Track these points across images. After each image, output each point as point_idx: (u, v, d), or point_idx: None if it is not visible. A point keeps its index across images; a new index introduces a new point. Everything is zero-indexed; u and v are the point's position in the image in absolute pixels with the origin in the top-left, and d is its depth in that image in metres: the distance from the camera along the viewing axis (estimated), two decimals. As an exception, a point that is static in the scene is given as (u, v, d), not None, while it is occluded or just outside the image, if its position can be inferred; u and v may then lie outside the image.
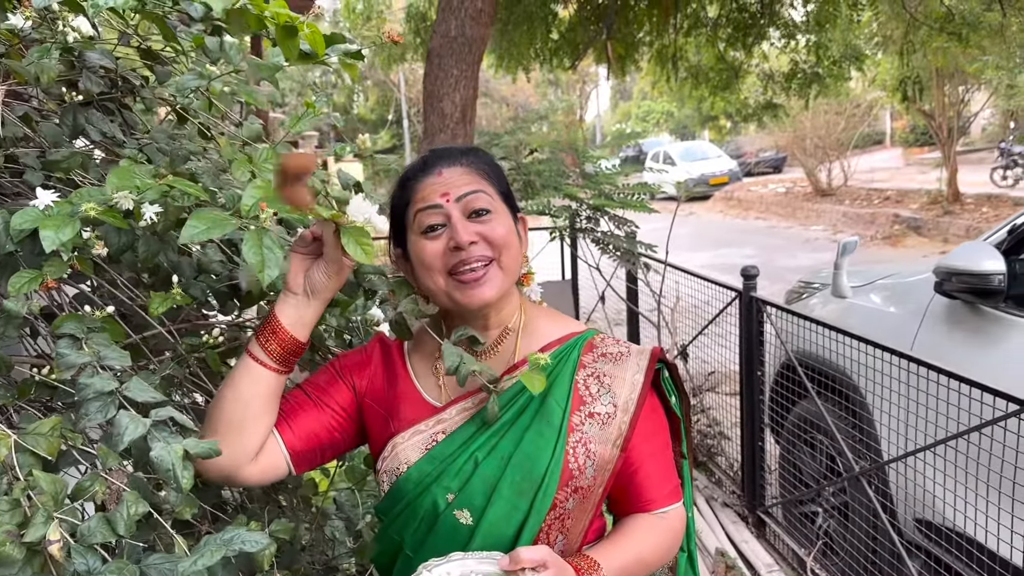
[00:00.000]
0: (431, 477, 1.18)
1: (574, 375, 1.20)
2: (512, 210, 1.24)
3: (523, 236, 1.26)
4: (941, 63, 11.04)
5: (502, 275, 1.17)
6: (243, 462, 1.17)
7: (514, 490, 1.15)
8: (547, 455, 1.15)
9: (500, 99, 26.84)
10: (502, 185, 1.23)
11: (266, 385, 1.15)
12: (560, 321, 1.29)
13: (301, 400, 1.25)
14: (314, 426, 1.23)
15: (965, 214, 12.86)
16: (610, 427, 1.17)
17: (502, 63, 8.66)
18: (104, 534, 0.99)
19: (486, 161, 1.25)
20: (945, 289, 2.67)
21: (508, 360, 1.23)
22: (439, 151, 1.25)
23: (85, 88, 1.46)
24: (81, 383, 0.99)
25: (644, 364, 1.20)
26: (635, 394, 1.18)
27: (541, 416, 1.17)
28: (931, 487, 2.40)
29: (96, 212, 1.08)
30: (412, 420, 1.23)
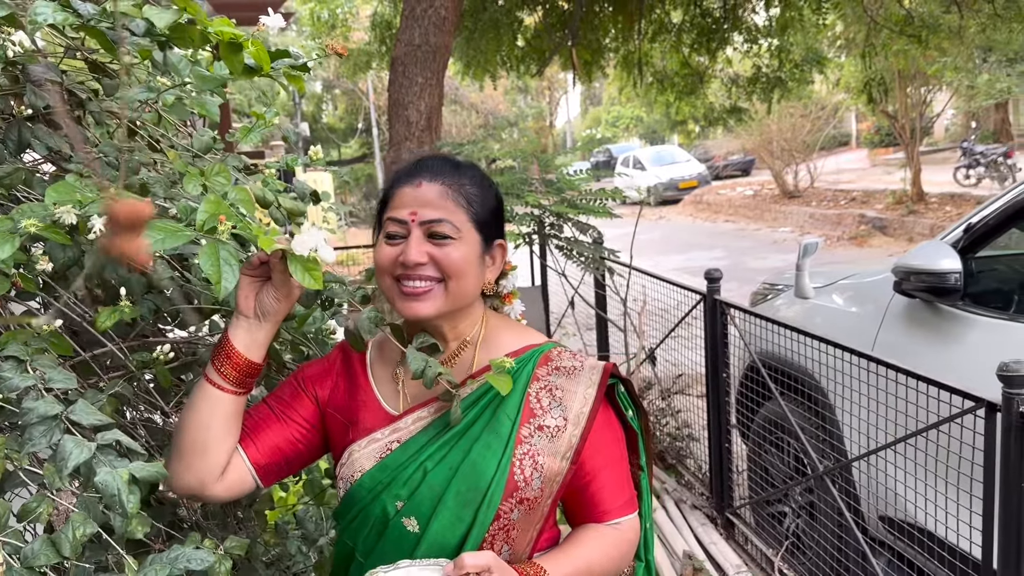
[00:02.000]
0: (382, 485, 1.19)
1: (527, 388, 1.21)
2: (487, 236, 1.23)
3: (496, 260, 1.26)
4: (902, 65, 11.23)
5: (445, 297, 1.19)
6: (209, 481, 1.19)
7: (459, 500, 1.16)
8: (492, 466, 1.16)
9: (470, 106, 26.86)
10: (482, 211, 1.22)
11: (224, 407, 1.18)
12: (522, 334, 1.30)
13: (264, 414, 1.27)
14: (277, 440, 1.26)
15: (929, 213, 13.07)
16: (559, 440, 1.18)
17: (468, 70, 8.67)
18: (48, 556, 0.97)
19: (473, 182, 1.24)
20: (904, 288, 2.71)
21: (467, 370, 1.25)
22: (429, 161, 1.25)
23: (30, 102, 1.43)
24: (25, 407, 0.98)
25: (596, 379, 1.21)
26: (587, 408, 1.19)
27: (491, 428, 1.18)
28: (893, 485, 2.43)
29: (37, 228, 1.07)
30: (369, 428, 1.24)
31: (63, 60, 1.54)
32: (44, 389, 1.04)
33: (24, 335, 1.16)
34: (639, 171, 21.98)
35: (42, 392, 1.03)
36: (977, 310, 2.58)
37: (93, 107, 1.54)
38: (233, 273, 1.04)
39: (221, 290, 1.03)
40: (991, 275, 2.96)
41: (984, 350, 2.40)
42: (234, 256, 1.06)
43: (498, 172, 3.53)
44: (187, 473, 1.18)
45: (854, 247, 12.35)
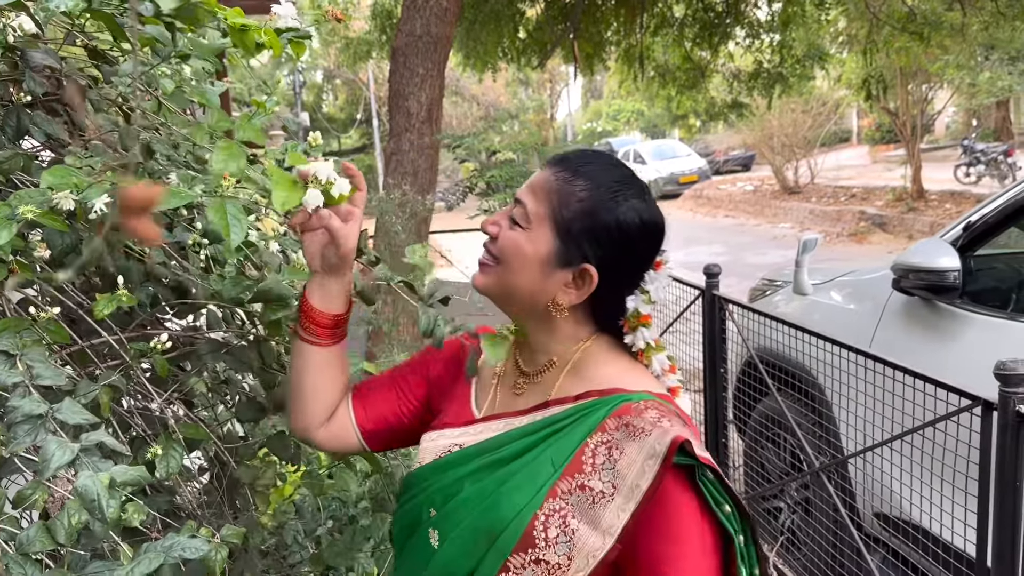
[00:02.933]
0: (429, 485, 1.15)
1: (587, 436, 1.02)
2: (569, 249, 1.07)
3: (575, 286, 1.08)
4: (904, 62, 11.21)
5: (495, 279, 1.11)
6: (312, 425, 1.26)
7: (474, 533, 1.05)
8: (513, 511, 1.02)
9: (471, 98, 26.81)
10: (573, 219, 1.06)
11: (313, 358, 1.21)
12: (627, 374, 1.10)
13: (382, 381, 1.31)
14: (384, 409, 1.28)
15: (929, 211, 13.07)
16: (602, 509, 0.98)
17: (469, 61, 8.65)
18: (44, 543, 0.97)
19: (589, 190, 1.07)
20: (902, 286, 2.71)
21: (541, 394, 1.12)
22: (575, 153, 1.13)
23: (29, 88, 1.43)
24: (9, 406, 0.97)
25: (661, 451, 0.96)
26: (644, 482, 0.96)
27: (531, 467, 1.04)
28: (889, 482, 2.43)
29: (34, 214, 1.06)
30: (448, 422, 1.21)
31: (63, 46, 1.53)
32: (32, 385, 1.04)
33: (20, 323, 1.15)
34: (639, 165, 21.96)
35: (29, 389, 1.03)
36: (975, 308, 2.58)
37: (93, 94, 1.54)
38: (241, 227, 1.04)
39: (232, 243, 1.04)
40: (990, 273, 2.96)
41: (982, 348, 2.41)
42: (241, 211, 1.07)
43: (498, 164, 3.52)
44: (293, 417, 1.28)
45: (854, 244, 12.35)
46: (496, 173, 3.34)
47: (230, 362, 1.38)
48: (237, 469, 1.49)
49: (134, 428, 1.45)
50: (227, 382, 1.64)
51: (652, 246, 1.11)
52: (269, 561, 1.76)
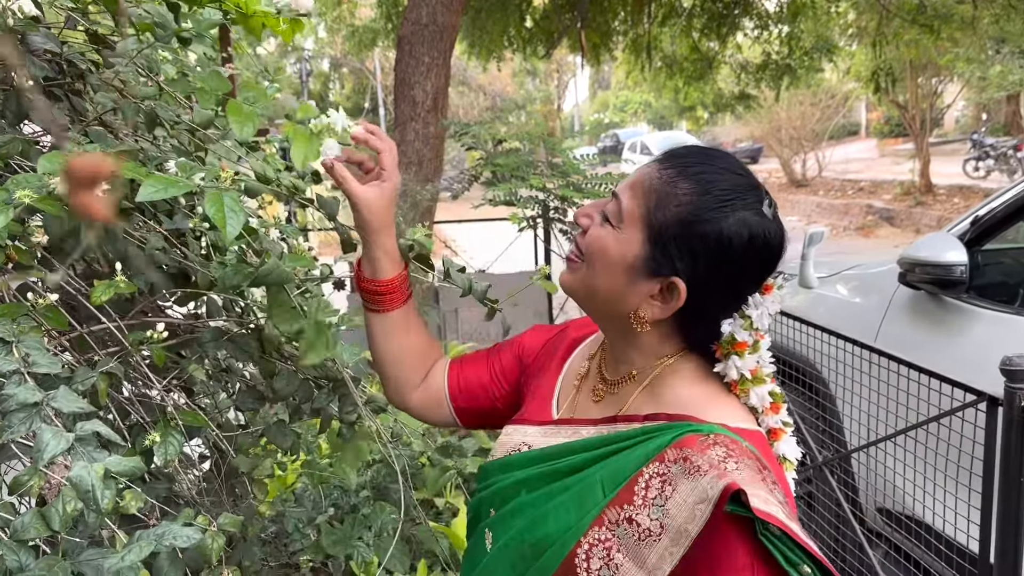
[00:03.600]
0: (494, 482, 1.10)
1: (644, 464, 0.93)
2: (658, 256, 0.96)
3: (662, 299, 0.98)
4: (913, 55, 11.15)
5: (580, 279, 1.03)
6: (403, 391, 1.29)
7: (520, 548, 1.00)
8: (557, 533, 0.95)
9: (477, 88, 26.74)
10: (668, 223, 0.95)
11: (381, 325, 1.25)
12: (708, 401, 0.98)
13: (478, 359, 1.31)
14: (475, 386, 1.28)
15: (937, 205, 13.02)
16: (647, 548, 0.89)
17: (474, 50, 8.60)
18: (39, 529, 0.97)
19: (691, 193, 0.95)
20: (908, 280, 2.69)
21: (614, 406, 1.05)
22: (681, 150, 1.02)
23: (30, 73, 1.42)
24: (4, 394, 0.96)
25: (714, 497, 0.84)
26: (693, 527, 0.86)
27: (581, 488, 0.97)
28: (892, 477, 2.42)
29: (31, 199, 1.05)
30: (527, 418, 1.15)
31: (63, 31, 1.52)
32: (28, 373, 1.03)
33: (18, 309, 1.15)
34: (646, 157, 21.80)
35: (25, 377, 1.02)
36: (982, 303, 2.56)
37: (93, 79, 1.53)
38: (238, 219, 1.04)
39: (228, 235, 1.04)
40: (997, 268, 2.94)
41: (988, 344, 2.39)
42: (238, 202, 1.07)
43: (503, 154, 3.51)
44: (385, 388, 1.32)
45: (860, 237, 12.31)
46: (501, 162, 3.32)
47: (231, 350, 1.37)
48: (236, 457, 1.48)
49: (133, 415, 1.44)
50: (228, 370, 1.64)
51: (760, 267, 0.97)
52: (269, 549, 1.75)
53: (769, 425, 1.00)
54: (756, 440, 0.95)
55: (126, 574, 0.88)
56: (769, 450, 0.98)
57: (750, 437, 0.94)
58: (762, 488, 0.85)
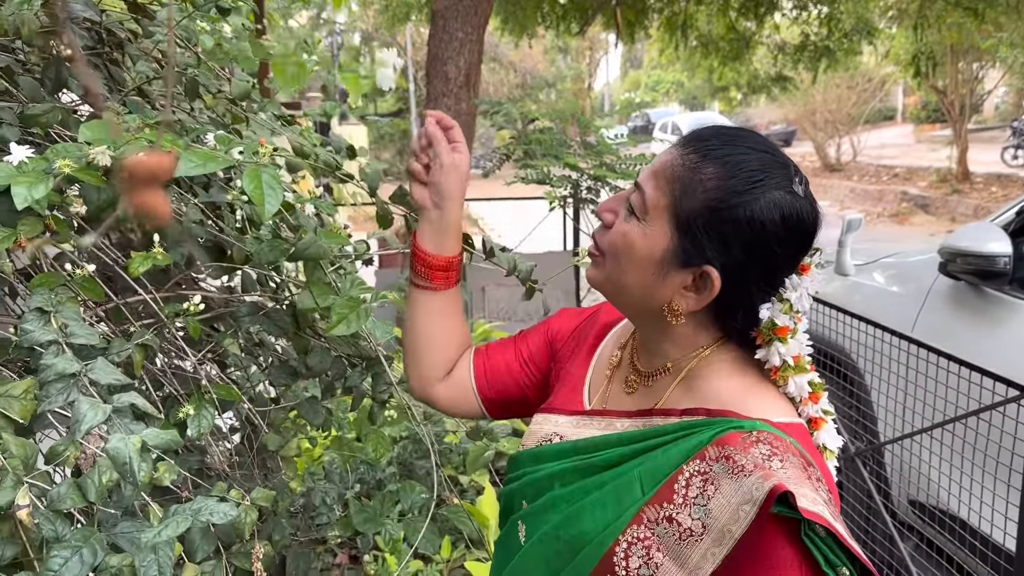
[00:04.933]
0: (525, 473, 1.08)
1: (684, 461, 0.90)
2: (689, 247, 0.92)
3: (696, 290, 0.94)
4: (955, 39, 10.89)
5: (605, 276, 1.00)
6: (427, 382, 1.24)
7: (554, 544, 0.98)
8: (594, 530, 0.93)
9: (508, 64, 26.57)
10: (695, 211, 0.91)
11: (425, 305, 1.20)
12: (747, 394, 0.95)
13: (505, 347, 1.26)
14: (504, 376, 1.24)
15: (974, 193, 12.77)
16: (688, 549, 0.87)
17: (507, 26, 8.51)
18: (75, 500, 0.97)
19: (719, 177, 0.91)
20: (949, 270, 2.63)
21: (650, 400, 1.02)
22: (706, 131, 0.97)
23: (68, 41, 1.41)
24: (43, 364, 0.96)
25: (759, 498, 0.81)
26: (737, 528, 0.84)
27: (618, 484, 0.94)
28: (927, 470, 2.38)
29: (71, 169, 1.05)
30: (557, 407, 1.13)
31: None
32: (65, 343, 1.03)
33: (56, 279, 1.15)
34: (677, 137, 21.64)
35: (63, 347, 1.02)
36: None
37: (132, 48, 1.52)
38: (276, 195, 1.03)
39: (266, 211, 1.03)
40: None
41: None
42: (277, 178, 1.06)
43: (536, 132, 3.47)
44: (410, 374, 1.26)
45: (895, 224, 12.11)
46: (534, 140, 3.29)
47: (266, 325, 1.36)
48: (267, 433, 1.48)
49: (167, 386, 1.45)
50: (260, 344, 1.63)
51: (796, 247, 0.92)
52: (296, 522, 1.76)
53: (809, 414, 0.96)
54: (798, 434, 0.92)
55: (162, 548, 0.88)
56: (811, 442, 0.94)
57: (792, 431, 0.91)
58: (808, 487, 0.83)
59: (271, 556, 1.23)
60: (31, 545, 0.98)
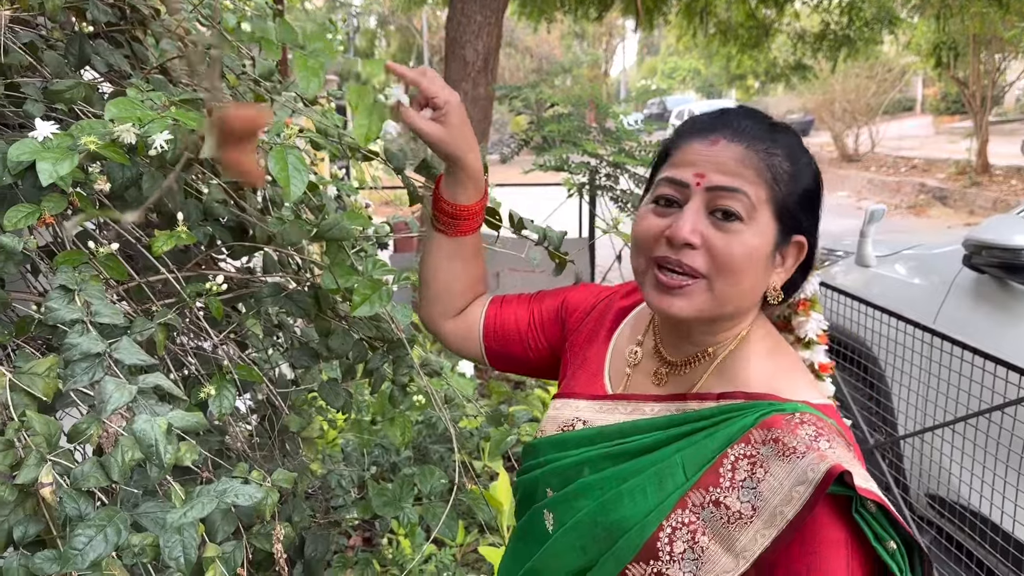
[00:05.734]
0: (548, 461, 1.06)
1: (728, 445, 0.90)
2: (787, 228, 0.94)
3: (787, 260, 0.97)
4: (978, 29, 10.74)
5: (708, 297, 0.93)
6: (438, 315, 1.26)
7: (590, 530, 0.97)
8: (636, 516, 0.93)
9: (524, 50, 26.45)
10: (790, 194, 0.94)
11: (440, 247, 1.20)
12: (783, 375, 0.97)
13: (520, 302, 1.27)
14: (511, 333, 1.24)
15: (993, 186, 12.63)
16: (738, 531, 0.87)
17: (525, 10, 8.46)
18: (98, 479, 0.96)
19: (789, 153, 0.94)
20: (973, 263, 2.60)
21: (685, 385, 1.01)
22: (735, 114, 0.98)
23: (93, 17, 1.40)
24: (67, 343, 0.96)
25: (815, 479, 0.83)
26: (790, 509, 0.84)
27: (659, 470, 0.94)
28: (947, 464, 2.35)
29: (96, 146, 1.04)
30: (577, 391, 1.11)
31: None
32: (90, 323, 1.02)
33: (78, 257, 1.14)
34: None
35: (88, 326, 1.01)
36: (1051, 290, 2.46)
37: (155, 25, 1.51)
38: (302, 178, 1.02)
39: (292, 193, 1.02)
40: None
41: (1055, 332, 2.30)
42: (302, 161, 1.05)
43: (555, 118, 3.44)
44: (422, 306, 1.27)
45: (912, 216, 12.01)
46: (554, 127, 3.26)
47: (288, 306, 1.35)
48: (288, 415, 1.48)
49: (187, 367, 1.44)
50: (280, 326, 1.63)
51: None
52: (315, 504, 1.76)
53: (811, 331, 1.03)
54: (833, 414, 0.94)
55: (188, 529, 0.87)
56: (842, 422, 0.96)
57: (828, 412, 0.93)
58: (857, 465, 0.85)
59: (291, 538, 1.23)
60: (53, 523, 0.97)
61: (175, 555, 0.88)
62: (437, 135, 1.08)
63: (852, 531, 0.84)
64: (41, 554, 0.91)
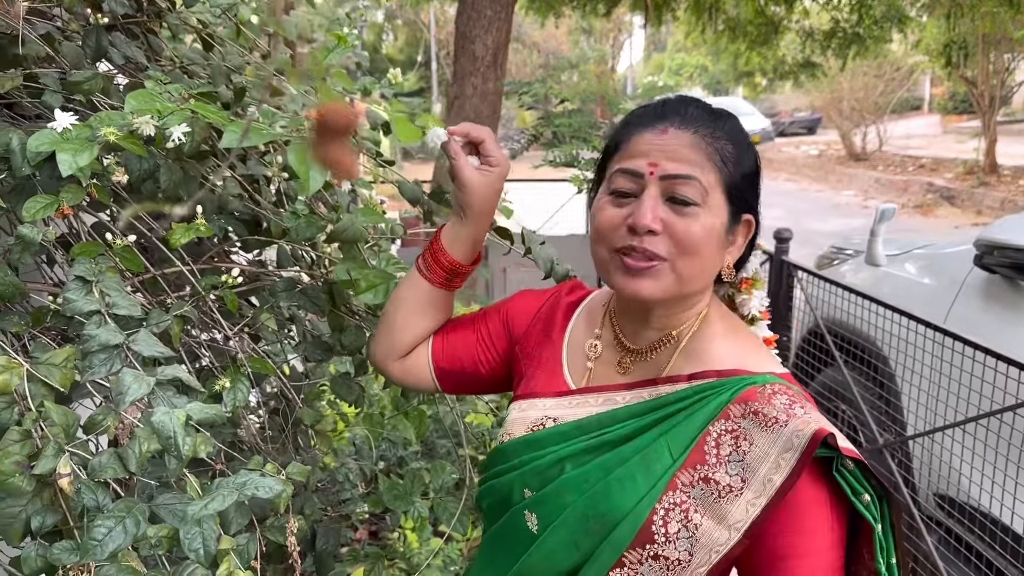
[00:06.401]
0: (522, 462, 1.07)
1: (708, 423, 0.94)
2: (737, 208, 0.99)
3: (738, 240, 1.02)
4: (989, 29, 10.68)
5: (673, 278, 0.97)
6: (389, 357, 1.23)
7: (582, 523, 0.98)
8: (628, 503, 0.95)
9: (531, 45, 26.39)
10: (737, 175, 0.99)
11: (420, 291, 1.18)
12: (744, 350, 1.01)
13: (464, 323, 1.25)
14: (460, 351, 1.22)
15: (1001, 186, 12.58)
16: (729, 504, 0.91)
17: (533, 5, 8.44)
18: (115, 470, 0.97)
19: (732, 136, 0.99)
20: (985, 263, 2.59)
21: (654, 370, 1.04)
22: (679, 103, 1.02)
23: (109, 9, 1.40)
24: (86, 334, 0.96)
25: (800, 444, 0.88)
26: (777, 476, 0.89)
27: (644, 456, 0.96)
28: (957, 464, 2.35)
29: (116, 137, 1.04)
30: (537, 391, 1.12)
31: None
32: (108, 315, 1.02)
33: (95, 248, 1.14)
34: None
35: (105, 318, 1.02)
36: (1062, 291, 2.45)
37: (172, 19, 1.51)
38: (320, 173, 1.01)
39: (310, 188, 1.02)
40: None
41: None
42: None
43: (565, 114, 3.43)
44: (376, 342, 1.24)
45: (919, 216, 11.97)
46: (564, 123, 3.25)
47: (302, 301, 1.35)
48: (301, 408, 1.48)
49: (202, 359, 1.44)
50: (292, 320, 1.63)
51: None
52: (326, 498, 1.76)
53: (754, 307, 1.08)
54: (794, 382, 0.99)
55: (207, 521, 0.88)
56: (802, 387, 1.01)
57: (791, 381, 0.99)
58: (833, 427, 0.90)
59: (304, 531, 1.23)
60: (70, 514, 0.98)
61: (195, 547, 0.88)
62: (476, 183, 1.09)
63: (832, 489, 0.90)
64: (59, 544, 0.91)
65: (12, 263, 1.10)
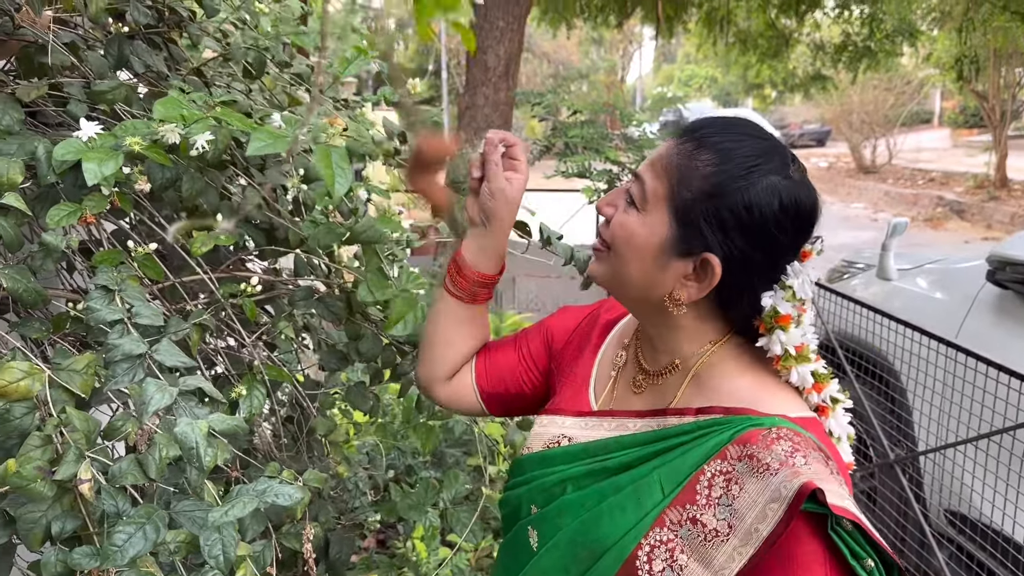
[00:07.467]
0: (533, 477, 1.06)
1: (704, 462, 0.89)
2: (687, 236, 0.93)
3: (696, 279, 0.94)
4: (1000, 43, 10.68)
5: (607, 268, 1.00)
6: (434, 379, 1.23)
7: (572, 548, 0.96)
8: (615, 534, 0.92)
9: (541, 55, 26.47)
10: (693, 200, 0.92)
11: (452, 312, 1.18)
12: (761, 390, 0.95)
13: (506, 343, 1.25)
14: (504, 372, 1.23)
15: (1012, 200, 12.54)
16: (714, 548, 0.86)
17: (545, 16, 8.47)
18: (135, 476, 0.97)
19: (714, 164, 0.92)
20: (997, 279, 2.58)
21: (661, 399, 1.01)
22: (704, 122, 0.97)
23: (132, 19, 1.42)
24: (109, 343, 0.97)
25: (788, 497, 0.81)
26: (764, 527, 0.83)
27: (637, 487, 0.93)
28: (969, 480, 2.34)
29: (140, 147, 1.05)
30: (562, 407, 1.12)
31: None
32: (131, 324, 1.03)
33: (117, 257, 1.15)
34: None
35: (128, 328, 1.03)
36: (1075, 308, 2.45)
37: (192, 29, 1.52)
38: (346, 177, 1.02)
39: (336, 192, 1.02)
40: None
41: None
42: (346, 160, 1.04)
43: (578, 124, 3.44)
44: (419, 367, 1.25)
45: (929, 229, 11.93)
46: (577, 133, 3.26)
47: (319, 309, 1.36)
48: (315, 417, 1.49)
49: (218, 366, 1.45)
50: (307, 328, 1.64)
51: (795, 233, 0.93)
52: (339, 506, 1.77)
53: (815, 403, 0.96)
54: (813, 427, 0.92)
55: (227, 528, 0.88)
56: (825, 435, 0.94)
57: (808, 425, 0.91)
58: (833, 482, 0.83)
59: (319, 538, 1.23)
60: (90, 519, 0.98)
61: (215, 553, 0.89)
62: (507, 191, 1.09)
63: (829, 548, 0.82)
64: (79, 550, 0.92)
65: (33, 269, 1.12)
